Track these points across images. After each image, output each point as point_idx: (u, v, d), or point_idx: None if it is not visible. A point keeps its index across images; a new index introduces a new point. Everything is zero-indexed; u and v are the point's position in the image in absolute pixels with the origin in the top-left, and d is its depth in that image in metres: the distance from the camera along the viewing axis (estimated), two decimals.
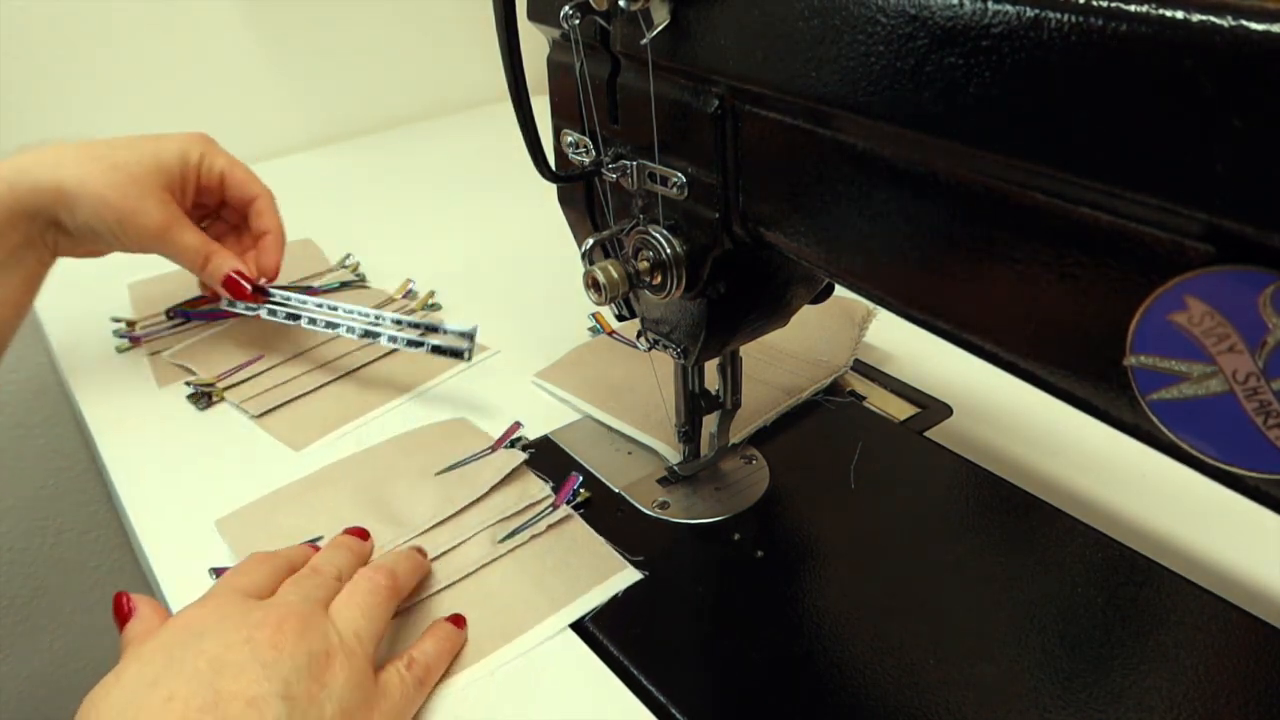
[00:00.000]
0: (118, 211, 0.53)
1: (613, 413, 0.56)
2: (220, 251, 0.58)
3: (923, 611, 0.43)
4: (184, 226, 0.57)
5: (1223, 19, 0.19)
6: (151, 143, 0.56)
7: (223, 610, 0.37)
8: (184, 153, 0.57)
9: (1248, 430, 0.21)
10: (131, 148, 0.55)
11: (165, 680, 0.33)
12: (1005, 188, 0.25)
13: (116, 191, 0.53)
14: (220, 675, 0.33)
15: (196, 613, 0.37)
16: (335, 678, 0.35)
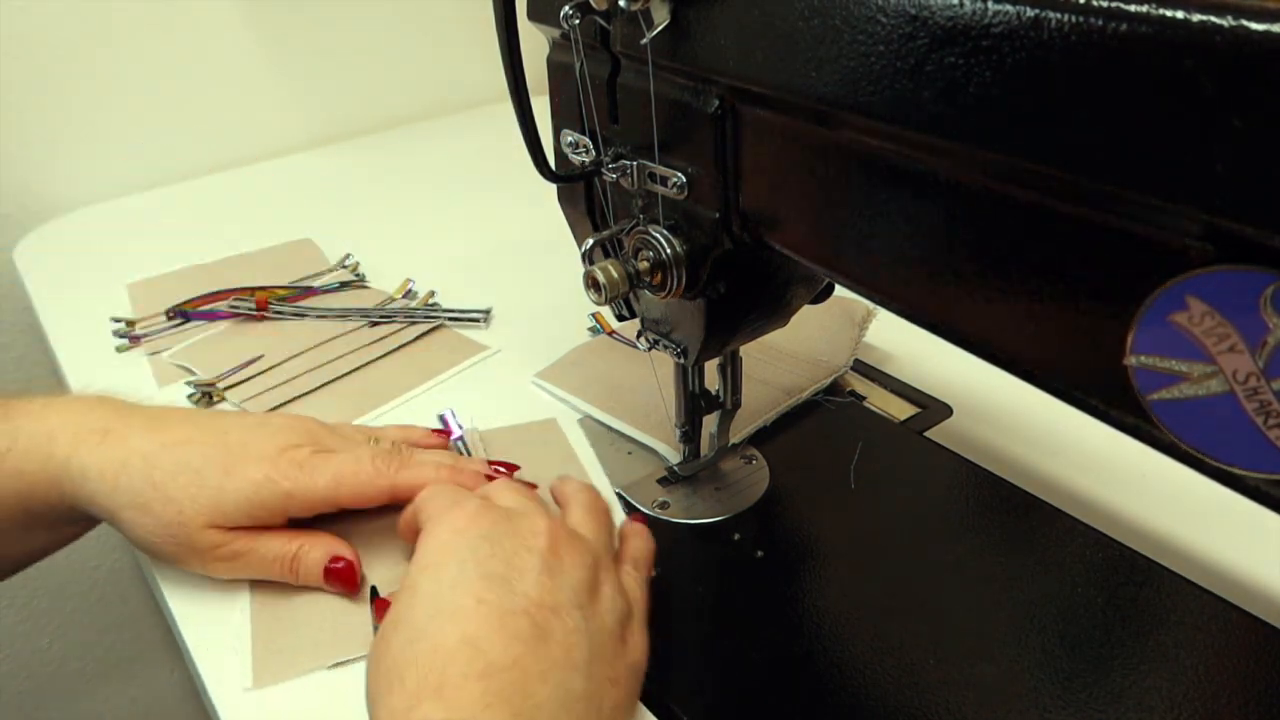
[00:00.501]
0: (172, 554, 0.45)
1: (613, 413, 0.56)
2: (309, 541, 0.45)
3: (923, 611, 0.43)
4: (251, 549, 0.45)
5: (1223, 19, 0.19)
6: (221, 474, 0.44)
7: (486, 518, 0.39)
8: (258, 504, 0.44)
9: (1248, 430, 0.21)
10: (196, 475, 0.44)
11: (464, 584, 0.35)
12: (1005, 188, 0.25)
13: (164, 535, 0.44)
14: (519, 580, 0.36)
15: (459, 520, 0.39)
16: (605, 590, 0.39)
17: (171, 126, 0.92)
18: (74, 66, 0.85)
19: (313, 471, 0.45)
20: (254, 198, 0.91)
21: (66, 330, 0.70)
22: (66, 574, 1.00)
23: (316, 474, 0.45)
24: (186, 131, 0.94)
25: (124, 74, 0.88)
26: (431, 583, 0.36)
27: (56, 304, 0.74)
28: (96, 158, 0.90)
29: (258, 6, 0.93)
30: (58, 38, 0.84)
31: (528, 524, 0.39)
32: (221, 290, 0.69)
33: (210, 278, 0.72)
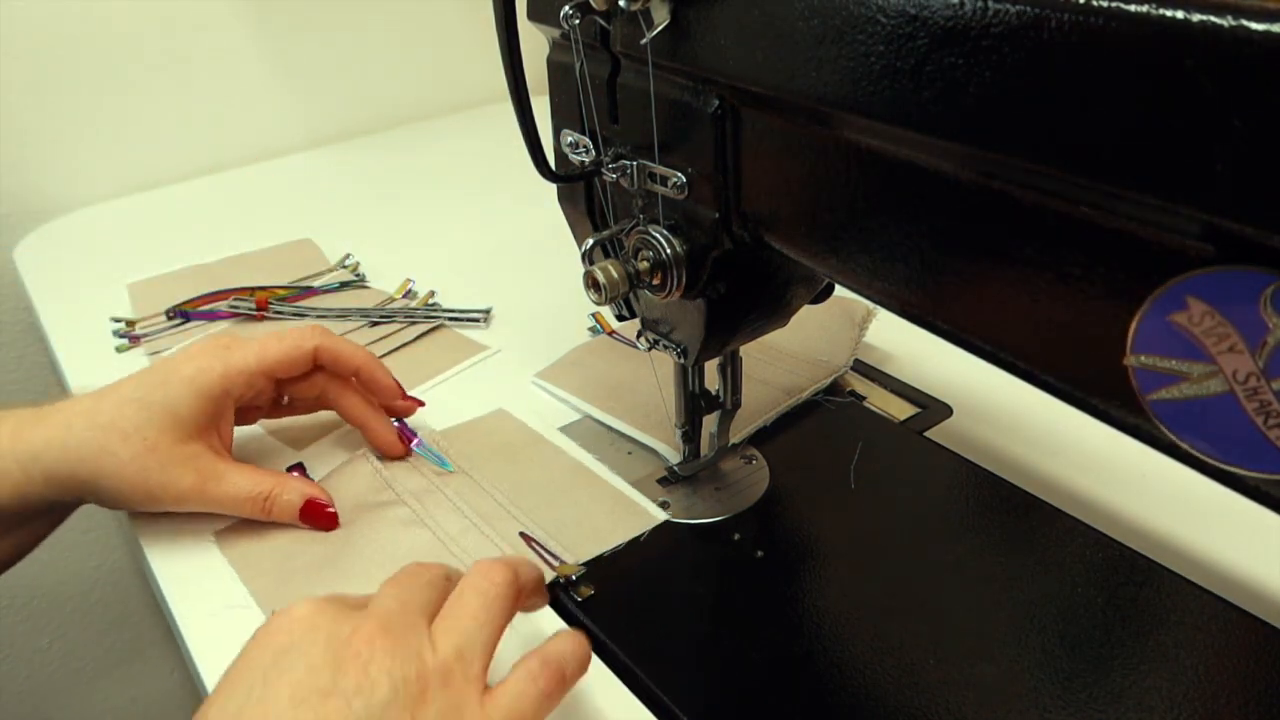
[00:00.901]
0: (143, 491, 0.46)
1: (613, 413, 0.56)
2: (280, 482, 0.48)
3: (923, 611, 0.43)
4: (223, 478, 0.47)
5: (1223, 19, 0.19)
6: (160, 388, 0.46)
7: (314, 618, 0.33)
8: (201, 389, 0.47)
9: (1248, 430, 0.21)
10: (140, 404, 0.46)
11: (246, 713, 0.31)
12: (1005, 188, 0.25)
13: (133, 468, 0.45)
14: (298, 709, 0.30)
15: (292, 616, 0.33)
16: (427, 711, 0.31)
17: (172, 126, 0.93)
18: (74, 67, 0.85)
19: (239, 349, 0.49)
20: (254, 198, 0.91)
21: (66, 330, 0.70)
22: (66, 574, 1.00)
23: (244, 350, 0.49)
24: (187, 132, 0.94)
25: (124, 74, 0.88)
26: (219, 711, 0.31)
27: (56, 304, 0.74)
28: (96, 158, 0.90)
29: (258, 7, 0.93)
30: (58, 38, 0.84)
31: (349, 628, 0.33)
32: (221, 290, 0.69)
33: (210, 278, 0.72)
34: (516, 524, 0.48)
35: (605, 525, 0.48)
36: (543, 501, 0.50)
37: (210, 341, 0.49)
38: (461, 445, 0.54)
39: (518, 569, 0.37)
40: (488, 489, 0.50)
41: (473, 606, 0.34)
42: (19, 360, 0.91)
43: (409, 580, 0.36)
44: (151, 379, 0.47)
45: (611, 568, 0.46)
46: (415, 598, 0.35)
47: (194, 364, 0.47)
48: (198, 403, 0.46)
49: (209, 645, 0.43)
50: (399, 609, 0.34)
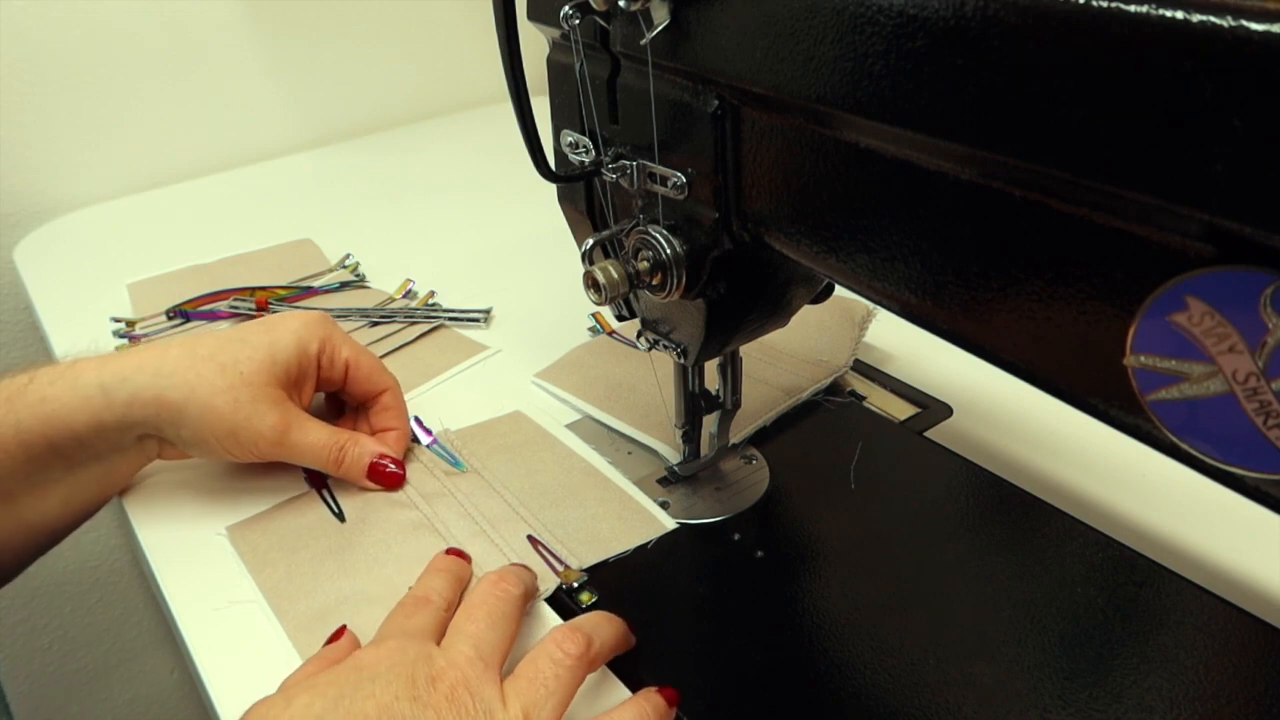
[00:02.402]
0: (229, 423, 0.46)
1: (613, 413, 0.56)
2: (353, 439, 0.50)
3: (922, 611, 0.43)
4: (304, 426, 0.48)
5: (1223, 19, 0.19)
6: (264, 333, 0.48)
7: (395, 655, 0.36)
8: (302, 345, 0.49)
9: (1248, 430, 0.21)
10: (243, 343, 0.48)
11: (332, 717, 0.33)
12: (1005, 188, 0.25)
13: (226, 398, 0.46)
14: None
15: (373, 654, 0.36)
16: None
17: (172, 127, 0.93)
18: (74, 67, 0.85)
19: (340, 332, 0.52)
20: (254, 198, 0.91)
21: (66, 330, 0.70)
22: (66, 574, 1.00)
23: (343, 336, 0.52)
24: (187, 132, 0.94)
25: (124, 74, 0.88)
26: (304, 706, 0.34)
27: (56, 304, 0.74)
28: (96, 158, 0.90)
29: (258, 8, 0.93)
30: (58, 38, 0.84)
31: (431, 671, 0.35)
32: (221, 290, 0.69)
33: (210, 278, 0.72)
34: (525, 527, 0.48)
35: (612, 531, 0.48)
36: (551, 503, 0.50)
37: (313, 315, 0.51)
38: (475, 445, 0.54)
39: (593, 637, 0.38)
40: (498, 489, 0.50)
41: (545, 674, 0.37)
42: (19, 360, 0.91)
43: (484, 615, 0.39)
44: (256, 326, 0.49)
45: (613, 568, 0.46)
46: (488, 638, 0.38)
47: (300, 321, 0.50)
48: (295, 356, 0.49)
49: (209, 645, 0.43)
50: (475, 657, 0.36)
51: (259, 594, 0.45)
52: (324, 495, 0.51)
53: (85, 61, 0.86)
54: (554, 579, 0.45)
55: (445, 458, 0.53)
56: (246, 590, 0.45)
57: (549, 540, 0.47)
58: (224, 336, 0.48)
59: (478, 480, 0.51)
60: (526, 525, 0.48)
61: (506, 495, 0.50)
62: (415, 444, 0.54)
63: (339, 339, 0.51)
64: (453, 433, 0.55)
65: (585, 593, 0.45)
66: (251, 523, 0.49)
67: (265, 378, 0.47)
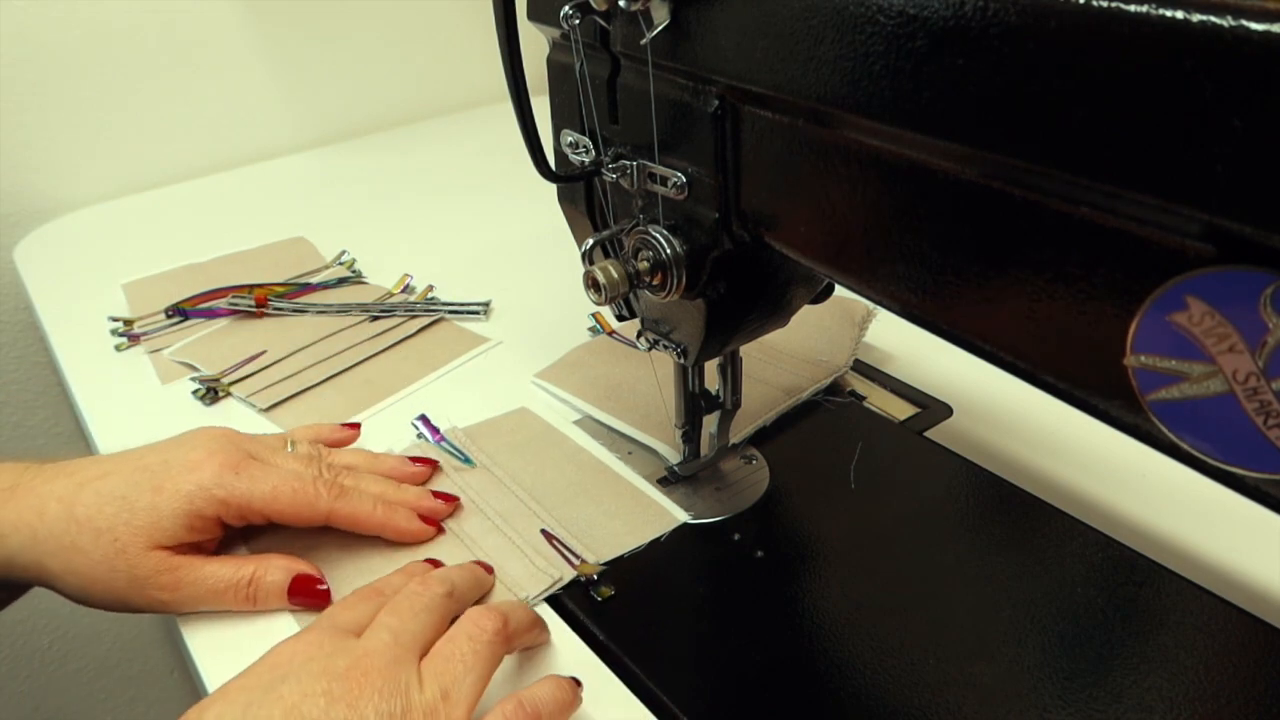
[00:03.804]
0: (113, 592, 0.43)
1: (613, 413, 0.56)
2: (262, 564, 0.44)
3: (922, 611, 0.43)
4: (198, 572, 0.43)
5: (1223, 19, 0.19)
6: (152, 493, 0.43)
7: (311, 650, 0.35)
8: (194, 512, 0.43)
9: (1248, 430, 0.21)
10: (124, 502, 0.42)
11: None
12: (1005, 188, 0.25)
13: (102, 569, 0.42)
14: None
15: (289, 648, 0.36)
16: None
17: (172, 127, 0.93)
18: (74, 68, 0.85)
19: (251, 479, 0.44)
20: (254, 198, 0.91)
21: (66, 330, 0.70)
22: None
23: (255, 482, 0.44)
24: (187, 132, 0.94)
25: (124, 75, 0.88)
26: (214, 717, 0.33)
27: (56, 304, 0.74)
28: (95, 158, 0.90)
29: (257, 8, 0.93)
30: (57, 39, 0.84)
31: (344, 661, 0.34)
32: (220, 288, 0.69)
33: (205, 277, 0.72)
34: (538, 521, 0.48)
35: (626, 525, 0.48)
36: (564, 499, 0.50)
37: (222, 453, 0.44)
38: (484, 442, 0.54)
39: (508, 615, 0.38)
40: (509, 485, 0.51)
41: (463, 650, 0.36)
42: (19, 360, 0.91)
43: (407, 608, 0.38)
44: (144, 479, 0.43)
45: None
46: (409, 628, 0.37)
47: (195, 479, 0.43)
48: (185, 520, 0.43)
49: (209, 645, 0.43)
50: (393, 643, 0.36)
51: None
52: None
53: (85, 61, 0.86)
54: (570, 571, 0.45)
55: (454, 454, 0.53)
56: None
57: (563, 535, 0.47)
58: (106, 492, 0.42)
59: (488, 476, 0.51)
60: (539, 520, 0.48)
61: (518, 491, 0.50)
62: (423, 441, 0.54)
63: (242, 491, 0.43)
64: (460, 430, 0.55)
65: (604, 586, 0.45)
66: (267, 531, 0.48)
67: (144, 543, 0.42)
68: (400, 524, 0.47)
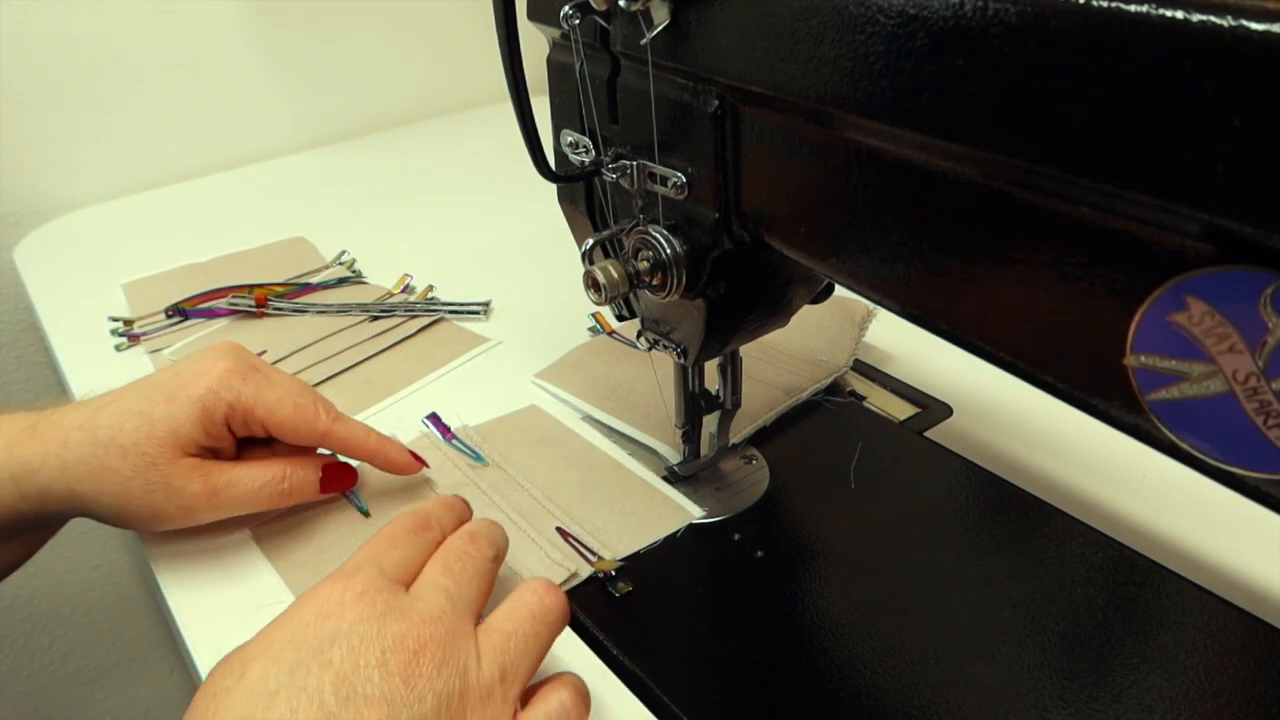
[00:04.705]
0: (148, 506, 0.43)
1: (613, 413, 0.56)
2: (291, 463, 0.46)
3: (922, 611, 0.43)
4: (233, 477, 0.45)
5: (1223, 19, 0.19)
6: (165, 403, 0.44)
7: (362, 607, 0.33)
8: (208, 414, 0.44)
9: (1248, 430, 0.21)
10: (142, 417, 0.43)
11: (286, 694, 0.30)
12: (1005, 188, 0.25)
13: (136, 484, 0.43)
14: (343, 707, 0.30)
15: (336, 594, 0.33)
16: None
17: (172, 127, 0.93)
18: (73, 68, 0.85)
19: (256, 387, 0.45)
20: (254, 199, 0.91)
21: (66, 330, 0.70)
22: (66, 574, 1.00)
23: (261, 390, 0.45)
24: (187, 132, 0.94)
25: (124, 75, 0.88)
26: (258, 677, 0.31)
27: (56, 304, 0.74)
28: (96, 158, 0.90)
29: (257, 7, 0.93)
30: (57, 39, 0.84)
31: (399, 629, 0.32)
32: (220, 288, 0.69)
33: (205, 277, 0.72)
34: (553, 519, 0.48)
35: (641, 521, 0.48)
36: (578, 497, 0.50)
37: (229, 360, 0.46)
38: (495, 440, 0.54)
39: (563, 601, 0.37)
40: (522, 483, 0.51)
41: (525, 629, 0.35)
42: (19, 360, 0.91)
43: (460, 570, 0.36)
44: (157, 392, 0.44)
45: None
46: (464, 593, 0.35)
47: (204, 384, 0.44)
48: (200, 426, 0.44)
49: (209, 645, 0.43)
50: (450, 610, 0.34)
51: (292, 596, 0.45)
52: (346, 493, 0.50)
53: (85, 61, 0.86)
54: (586, 568, 0.45)
55: (466, 453, 0.53)
56: (277, 593, 0.45)
57: (578, 532, 0.47)
58: (124, 408, 0.44)
59: (501, 474, 0.51)
60: (554, 518, 0.48)
61: (531, 489, 0.50)
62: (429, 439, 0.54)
63: (248, 396, 0.45)
64: (471, 428, 0.55)
65: (621, 582, 0.45)
66: (275, 523, 0.49)
67: (171, 454, 0.43)
68: (392, 454, 0.48)
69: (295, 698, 0.30)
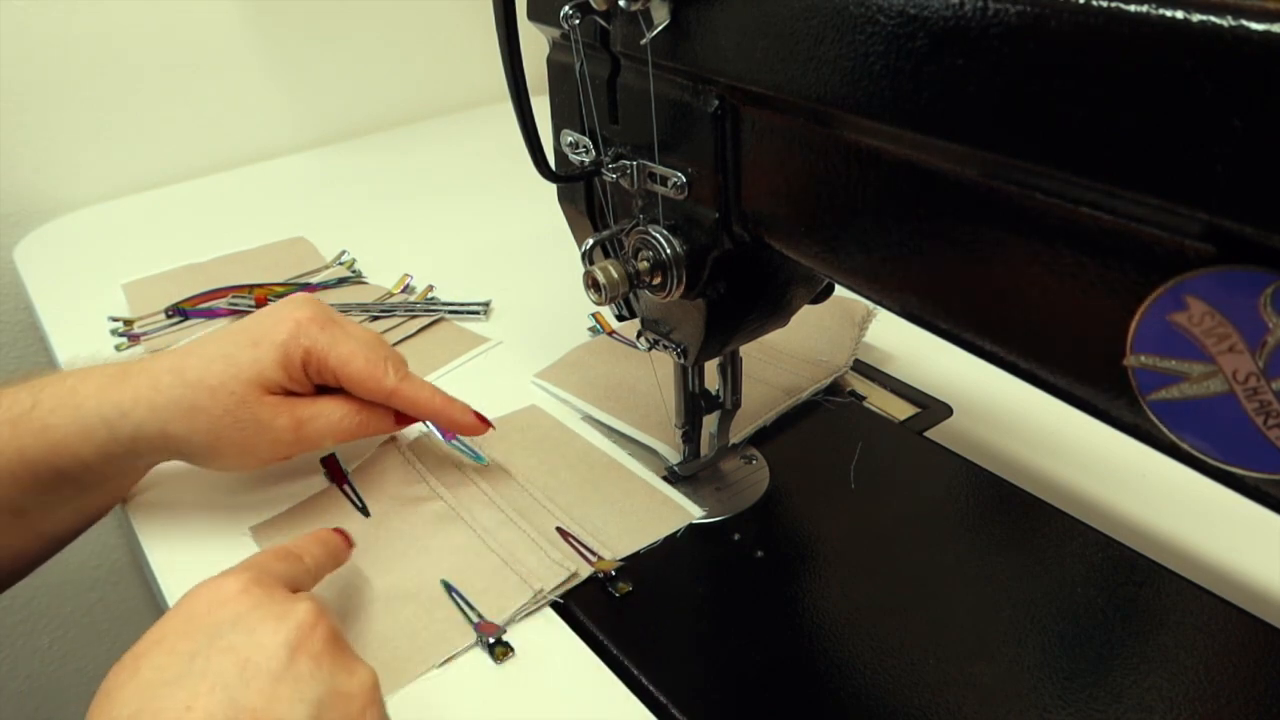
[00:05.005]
0: (238, 443, 0.46)
1: (613, 413, 0.56)
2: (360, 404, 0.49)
3: (922, 611, 0.43)
4: (316, 411, 0.47)
5: (1223, 19, 0.19)
6: (250, 347, 0.46)
7: (256, 593, 0.33)
8: (288, 358, 0.46)
9: (1248, 430, 0.21)
10: (228, 360, 0.45)
11: (187, 682, 0.30)
12: (1005, 188, 0.25)
13: (227, 421, 0.45)
14: (248, 686, 0.30)
15: (225, 587, 0.34)
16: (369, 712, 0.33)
17: (172, 127, 0.92)
18: (73, 68, 0.85)
19: (333, 337, 0.47)
20: (254, 199, 0.91)
21: (66, 330, 0.70)
22: (66, 574, 1.00)
23: (337, 342, 0.47)
24: (187, 132, 0.94)
25: (124, 75, 0.88)
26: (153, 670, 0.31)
27: (56, 304, 0.74)
28: (96, 158, 0.90)
29: (257, 7, 0.93)
30: (57, 39, 0.84)
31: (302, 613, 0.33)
32: (220, 288, 0.69)
33: (205, 277, 0.72)
34: (552, 518, 0.48)
35: (640, 522, 0.48)
36: (578, 498, 0.50)
37: (309, 309, 0.48)
38: (495, 440, 0.54)
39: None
40: (522, 483, 0.51)
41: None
42: (19, 360, 0.91)
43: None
44: (242, 337, 0.47)
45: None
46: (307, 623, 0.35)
47: (286, 330, 0.47)
48: (283, 369, 0.46)
49: None
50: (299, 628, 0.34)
51: None
52: (345, 490, 0.50)
53: (85, 61, 0.86)
54: (586, 567, 0.45)
55: (466, 453, 0.53)
56: None
57: (578, 533, 0.47)
58: (209, 353, 0.46)
59: (501, 474, 0.52)
60: (554, 518, 0.48)
61: (532, 490, 0.50)
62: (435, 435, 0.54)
63: (323, 345, 0.47)
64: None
65: (621, 582, 0.45)
66: (276, 523, 0.49)
67: (258, 393, 0.45)
68: (456, 415, 0.50)
69: (195, 684, 0.30)
